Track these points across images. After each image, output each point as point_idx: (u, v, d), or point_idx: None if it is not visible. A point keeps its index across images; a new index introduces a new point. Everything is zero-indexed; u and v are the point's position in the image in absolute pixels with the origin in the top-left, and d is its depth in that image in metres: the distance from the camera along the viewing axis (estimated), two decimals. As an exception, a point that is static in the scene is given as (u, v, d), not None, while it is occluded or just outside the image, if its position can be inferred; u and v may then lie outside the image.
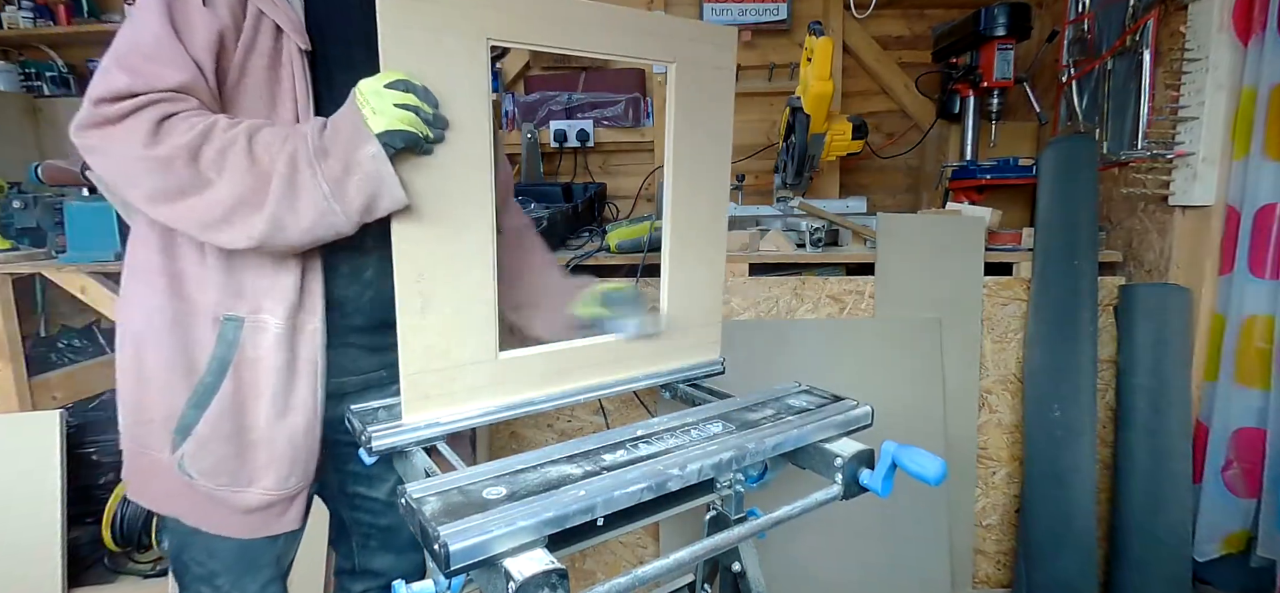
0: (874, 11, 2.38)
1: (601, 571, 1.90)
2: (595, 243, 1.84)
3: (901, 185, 2.75)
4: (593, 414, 1.80)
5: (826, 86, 1.77)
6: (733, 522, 1.03)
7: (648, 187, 2.65)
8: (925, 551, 1.73)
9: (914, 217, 1.88)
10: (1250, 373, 1.54)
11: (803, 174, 2.10)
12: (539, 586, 0.66)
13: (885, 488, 0.91)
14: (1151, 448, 1.63)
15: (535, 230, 1.31)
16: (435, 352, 0.92)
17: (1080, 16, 2.05)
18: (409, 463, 0.97)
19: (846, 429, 1.01)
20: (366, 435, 0.95)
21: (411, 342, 0.90)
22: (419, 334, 0.91)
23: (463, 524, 0.69)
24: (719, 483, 0.95)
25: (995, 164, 2.09)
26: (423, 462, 0.95)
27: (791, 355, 1.72)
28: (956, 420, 1.76)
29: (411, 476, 0.95)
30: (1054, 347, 1.67)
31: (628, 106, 2.60)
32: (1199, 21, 1.58)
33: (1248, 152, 1.52)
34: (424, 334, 0.91)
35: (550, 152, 2.61)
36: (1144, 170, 1.74)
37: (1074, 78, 2.10)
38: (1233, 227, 1.56)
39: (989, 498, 1.85)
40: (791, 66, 2.60)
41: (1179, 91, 1.62)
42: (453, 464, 0.88)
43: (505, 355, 1.00)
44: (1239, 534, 1.60)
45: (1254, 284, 1.52)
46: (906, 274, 1.74)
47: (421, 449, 0.97)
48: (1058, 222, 1.73)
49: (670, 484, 0.83)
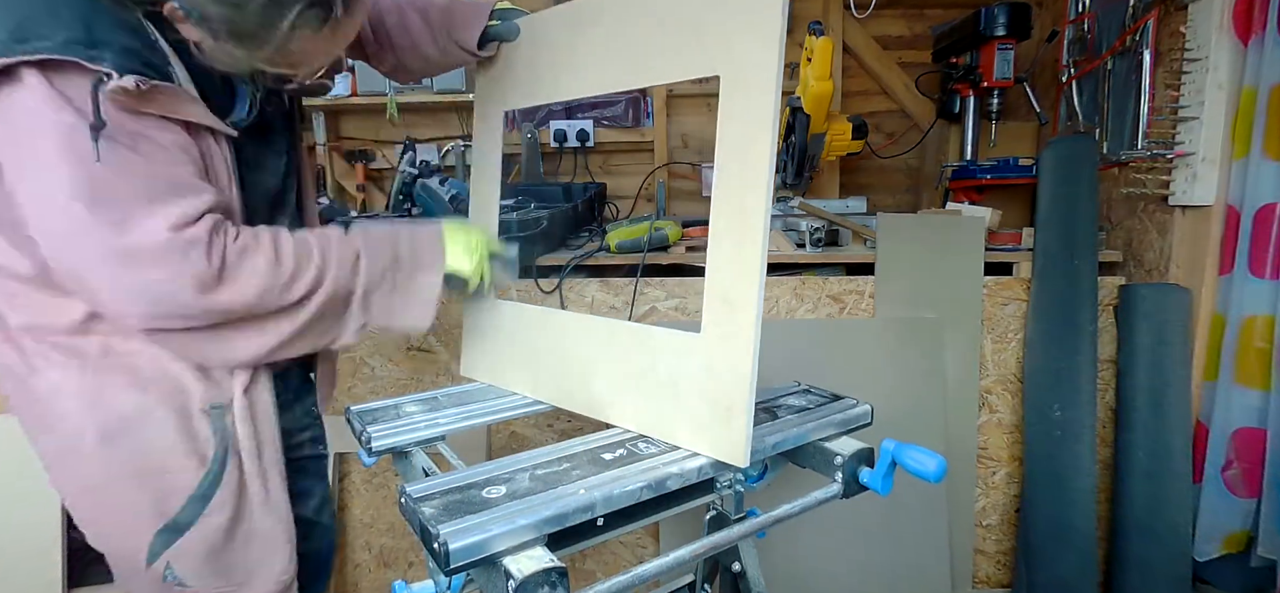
0: (874, 11, 2.38)
1: (601, 571, 1.90)
2: (595, 243, 1.84)
3: (901, 185, 2.75)
4: (593, 414, 1.80)
5: (826, 86, 1.77)
6: (732, 521, 1.03)
7: (648, 186, 2.65)
8: (925, 551, 1.73)
9: (914, 217, 1.88)
10: (1250, 373, 1.54)
11: (803, 174, 2.10)
12: (539, 584, 0.66)
13: (885, 487, 0.91)
14: (1151, 448, 1.63)
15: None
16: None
17: (1080, 16, 2.05)
18: (409, 463, 0.97)
19: (846, 428, 1.01)
20: (366, 436, 0.95)
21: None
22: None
23: (462, 523, 0.69)
24: (719, 482, 0.95)
25: (995, 164, 2.09)
26: (422, 462, 0.95)
27: (791, 355, 1.72)
28: (956, 420, 1.76)
29: (411, 476, 0.95)
30: (1054, 347, 1.67)
31: (628, 107, 2.60)
32: (1199, 21, 1.57)
33: (1248, 151, 1.52)
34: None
35: (550, 152, 2.61)
36: (1144, 170, 1.74)
37: (1074, 78, 2.10)
38: (1233, 227, 1.56)
39: (989, 498, 1.85)
40: (791, 66, 2.59)
41: (1179, 91, 1.62)
42: (452, 465, 0.88)
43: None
44: (1239, 534, 1.60)
45: (1254, 284, 1.52)
46: (906, 274, 1.74)
47: (421, 449, 0.97)
48: (1058, 222, 1.73)
49: (670, 484, 0.83)
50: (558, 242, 1.86)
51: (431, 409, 1.06)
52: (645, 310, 1.74)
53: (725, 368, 0.84)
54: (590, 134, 2.54)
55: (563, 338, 1.08)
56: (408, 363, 1.77)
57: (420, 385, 1.79)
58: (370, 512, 1.85)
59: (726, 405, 0.84)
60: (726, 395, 0.84)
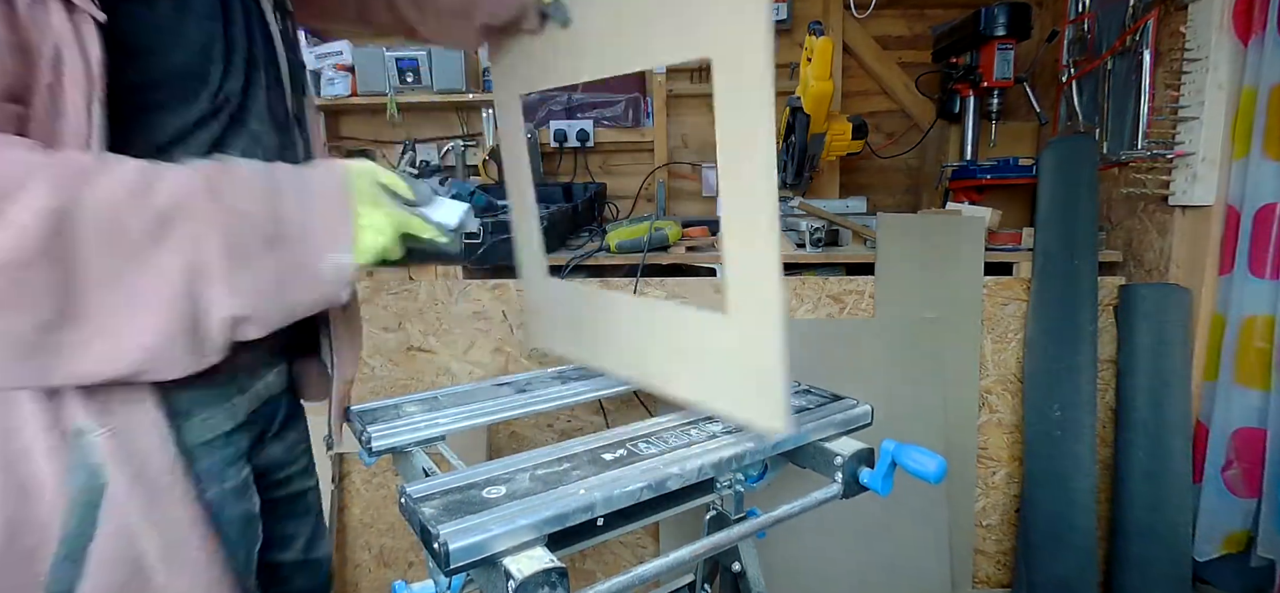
0: (874, 11, 2.38)
1: (601, 571, 1.90)
2: (595, 243, 1.84)
3: (901, 185, 2.75)
4: (593, 414, 1.80)
5: (826, 86, 1.77)
6: (732, 521, 1.03)
7: (648, 186, 2.65)
8: (925, 551, 1.73)
9: (914, 217, 1.88)
10: (1250, 373, 1.54)
11: (803, 174, 2.10)
12: (539, 584, 0.66)
13: (885, 487, 0.91)
14: (1151, 448, 1.63)
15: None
16: None
17: (1080, 16, 2.05)
18: (409, 463, 0.97)
19: (846, 428, 1.01)
20: (367, 436, 0.95)
21: None
22: None
23: (462, 523, 0.69)
24: (719, 483, 0.95)
25: (995, 164, 2.09)
26: (422, 461, 0.95)
27: (791, 355, 1.72)
28: (956, 420, 1.76)
29: (411, 476, 0.95)
30: (1054, 347, 1.67)
31: (628, 107, 2.60)
32: (1199, 21, 1.58)
33: (1248, 151, 1.52)
34: None
35: (550, 151, 2.61)
36: (1144, 170, 1.74)
37: (1074, 78, 2.10)
38: (1233, 227, 1.56)
39: (989, 498, 1.85)
40: (791, 66, 2.60)
41: (1179, 91, 1.62)
42: (452, 465, 0.88)
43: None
44: (1239, 534, 1.60)
45: (1254, 284, 1.52)
46: (906, 274, 1.74)
47: (421, 449, 0.97)
48: (1058, 222, 1.73)
49: (670, 484, 0.83)
50: (558, 242, 1.86)
51: (431, 409, 1.06)
52: (645, 310, 1.74)
53: (757, 341, 0.86)
54: (590, 134, 2.53)
55: (617, 315, 1.11)
56: (408, 363, 1.78)
57: (420, 385, 1.79)
58: (370, 512, 1.85)
59: (759, 376, 0.87)
60: (760, 366, 0.87)
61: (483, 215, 1.68)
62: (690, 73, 2.67)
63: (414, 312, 1.75)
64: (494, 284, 1.73)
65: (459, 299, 1.73)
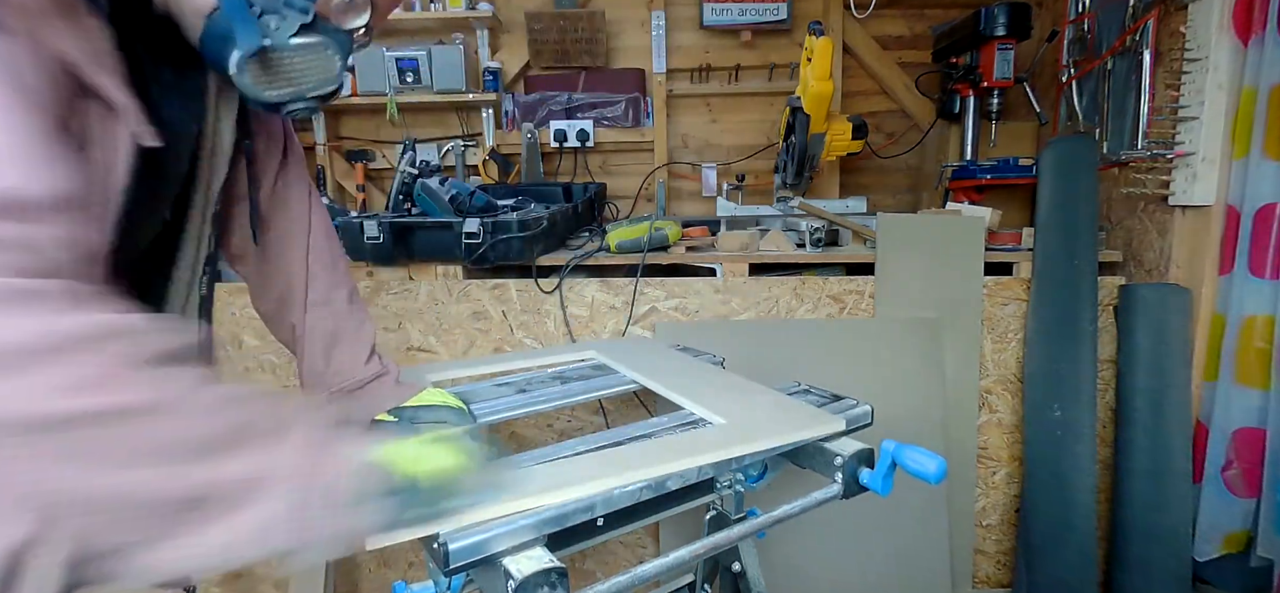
0: (874, 11, 2.38)
1: (601, 571, 1.90)
2: (595, 243, 1.84)
3: (901, 185, 2.76)
4: (593, 414, 1.80)
5: (826, 86, 1.77)
6: (732, 521, 1.03)
7: (647, 186, 2.65)
8: (925, 551, 1.73)
9: (914, 217, 1.88)
10: (1250, 373, 1.54)
11: (803, 174, 2.11)
12: (538, 584, 0.66)
13: (885, 487, 0.91)
14: (1151, 448, 1.63)
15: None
16: None
17: (1080, 16, 2.05)
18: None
19: (846, 428, 1.01)
20: (366, 435, 0.94)
21: None
22: None
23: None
24: (719, 483, 0.95)
25: (995, 164, 2.09)
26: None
27: (791, 355, 1.72)
28: (956, 420, 1.76)
29: (411, 475, 0.95)
30: (1054, 347, 1.67)
31: (628, 106, 2.60)
32: (1199, 21, 1.57)
33: (1248, 151, 1.52)
34: None
35: (550, 151, 2.61)
36: (1144, 170, 1.74)
37: (1074, 78, 2.10)
38: (1233, 227, 1.56)
39: (989, 498, 1.85)
40: (791, 66, 2.60)
41: (1179, 91, 1.62)
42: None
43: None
44: (1239, 534, 1.60)
45: (1254, 284, 1.52)
46: (906, 274, 1.74)
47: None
48: (1057, 222, 1.73)
49: (670, 484, 0.83)
50: (558, 242, 1.86)
51: (431, 409, 1.05)
52: (645, 310, 1.74)
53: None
54: (590, 134, 2.54)
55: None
56: (407, 363, 1.77)
57: (420, 385, 1.78)
58: (370, 512, 1.85)
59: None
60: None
61: (483, 215, 1.68)
62: (690, 73, 2.67)
63: (414, 312, 1.75)
64: (494, 284, 1.73)
65: (459, 299, 1.74)
